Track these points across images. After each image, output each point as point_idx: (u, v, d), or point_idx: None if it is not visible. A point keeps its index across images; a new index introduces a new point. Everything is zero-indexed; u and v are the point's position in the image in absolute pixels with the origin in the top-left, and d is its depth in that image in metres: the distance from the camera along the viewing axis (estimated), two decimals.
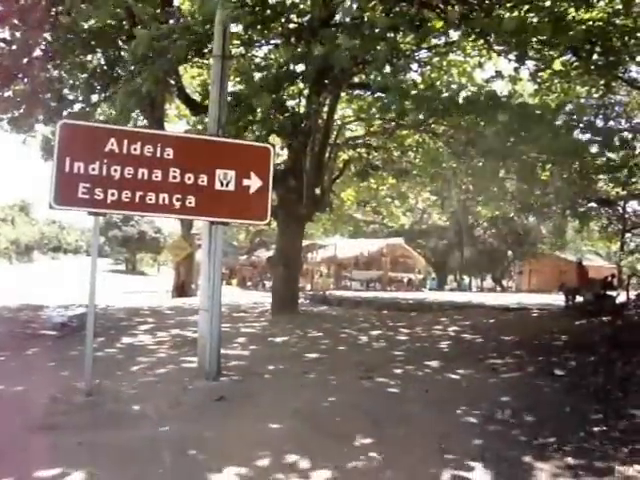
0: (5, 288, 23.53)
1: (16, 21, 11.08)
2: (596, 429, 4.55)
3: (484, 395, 5.76)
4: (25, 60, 11.72)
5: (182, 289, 23.15)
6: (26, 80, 12.56)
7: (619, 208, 25.85)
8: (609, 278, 16.93)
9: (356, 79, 14.14)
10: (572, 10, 9.57)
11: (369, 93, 15.86)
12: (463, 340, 10.18)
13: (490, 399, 5.57)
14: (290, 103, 12.68)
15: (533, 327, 11.81)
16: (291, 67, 10.80)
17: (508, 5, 10.19)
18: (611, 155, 11.86)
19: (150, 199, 5.84)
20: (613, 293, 15.63)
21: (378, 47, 8.63)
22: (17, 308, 14.39)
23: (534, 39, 9.50)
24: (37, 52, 11.95)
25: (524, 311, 15.66)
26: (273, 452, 3.94)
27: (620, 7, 9.63)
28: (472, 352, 8.63)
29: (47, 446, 3.98)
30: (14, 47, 11.42)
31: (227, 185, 6.17)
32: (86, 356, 5.52)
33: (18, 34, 11.32)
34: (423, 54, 13.40)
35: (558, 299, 17.91)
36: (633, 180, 15.63)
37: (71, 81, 12.79)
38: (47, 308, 14.76)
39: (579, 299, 15.88)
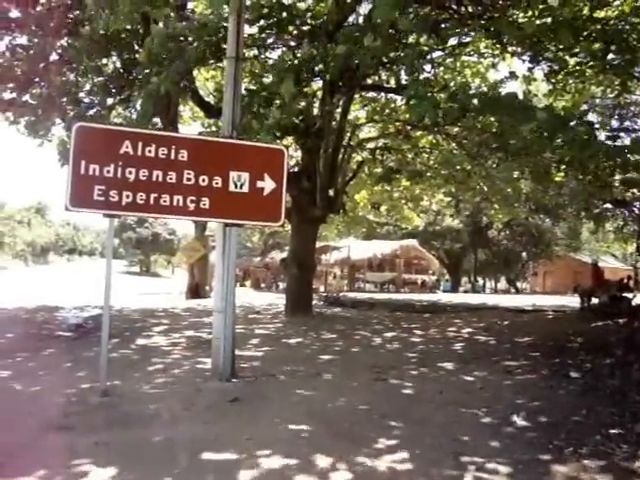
0: (22, 290, 23.79)
1: (34, 27, 11.20)
2: (613, 432, 4.51)
3: (499, 397, 5.73)
4: (42, 65, 11.85)
5: (196, 291, 23.21)
6: (43, 84, 12.70)
7: (635, 209, 25.56)
8: (625, 280, 16.77)
9: (369, 80, 14.13)
10: (587, 9, 9.50)
11: (382, 94, 15.91)
12: (477, 342, 10.13)
13: (505, 401, 5.55)
14: (303, 104, 12.70)
15: (548, 329, 11.73)
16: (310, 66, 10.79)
17: (522, 6, 10.14)
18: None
19: (165, 201, 5.87)
20: (629, 295, 15.49)
21: (401, 50, 8.62)
22: (33, 309, 14.52)
23: (551, 42, 9.45)
24: (54, 56, 12.08)
25: (539, 313, 15.58)
26: (288, 454, 3.94)
27: (637, 4, 9.55)
28: (486, 354, 8.59)
29: (63, 446, 4.02)
30: (32, 52, 11.54)
31: (241, 187, 6.19)
32: (101, 357, 5.56)
33: (36, 40, 11.44)
34: (436, 54, 13.38)
35: (573, 301, 17.79)
36: None
37: (87, 85, 12.91)
38: (63, 309, 14.87)
39: (594, 301, 15.74)
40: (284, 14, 10.60)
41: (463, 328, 12.07)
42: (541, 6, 9.25)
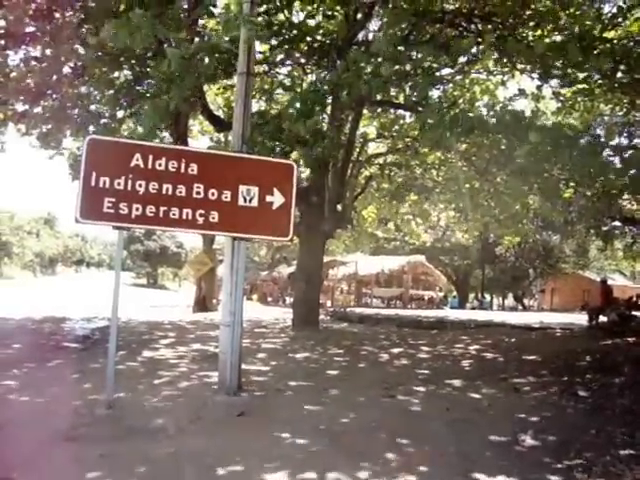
0: (29, 300, 23.87)
1: (47, 39, 11.32)
2: (623, 452, 4.46)
3: (507, 415, 5.69)
4: (55, 77, 11.96)
5: (203, 304, 23.20)
6: (55, 96, 12.81)
7: None
8: (634, 298, 16.63)
9: (378, 96, 14.18)
10: (597, 29, 9.54)
11: (391, 110, 15.96)
12: (485, 359, 10.06)
13: (513, 419, 5.50)
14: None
15: (556, 347, 11.62)
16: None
17: (531, 24, 10.19)
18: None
19: (174, 214, 5.89)
20: (638, 313, 15.36)
21: (411, 68, 8.68)
22: (41, 320, 14.56)
23: (560, 60, 9.48)
24: (66, 69, 12.19)
25: (546, 330, 15.45)
26: (294, 469, 3.92)
27: None
28: (494, 371, 8.52)
29: (69, 457, 4.02)
30: (44, 64, 11.65)
31: (250, 201, 6.21)
32: (108, 369, 5.56)
33: (48, 51, 11.56)
34: (445, 71, 13.42)
35: (581, 319, 17.64)
36: None
37: (99, 97, 13.01)
38: (70, 321, 14.91)
39: (603, 319, 15.61)
40: (294, 32, 10.68)
41: (470, 345, 11.99)
42: (550, 26, 9.31)
